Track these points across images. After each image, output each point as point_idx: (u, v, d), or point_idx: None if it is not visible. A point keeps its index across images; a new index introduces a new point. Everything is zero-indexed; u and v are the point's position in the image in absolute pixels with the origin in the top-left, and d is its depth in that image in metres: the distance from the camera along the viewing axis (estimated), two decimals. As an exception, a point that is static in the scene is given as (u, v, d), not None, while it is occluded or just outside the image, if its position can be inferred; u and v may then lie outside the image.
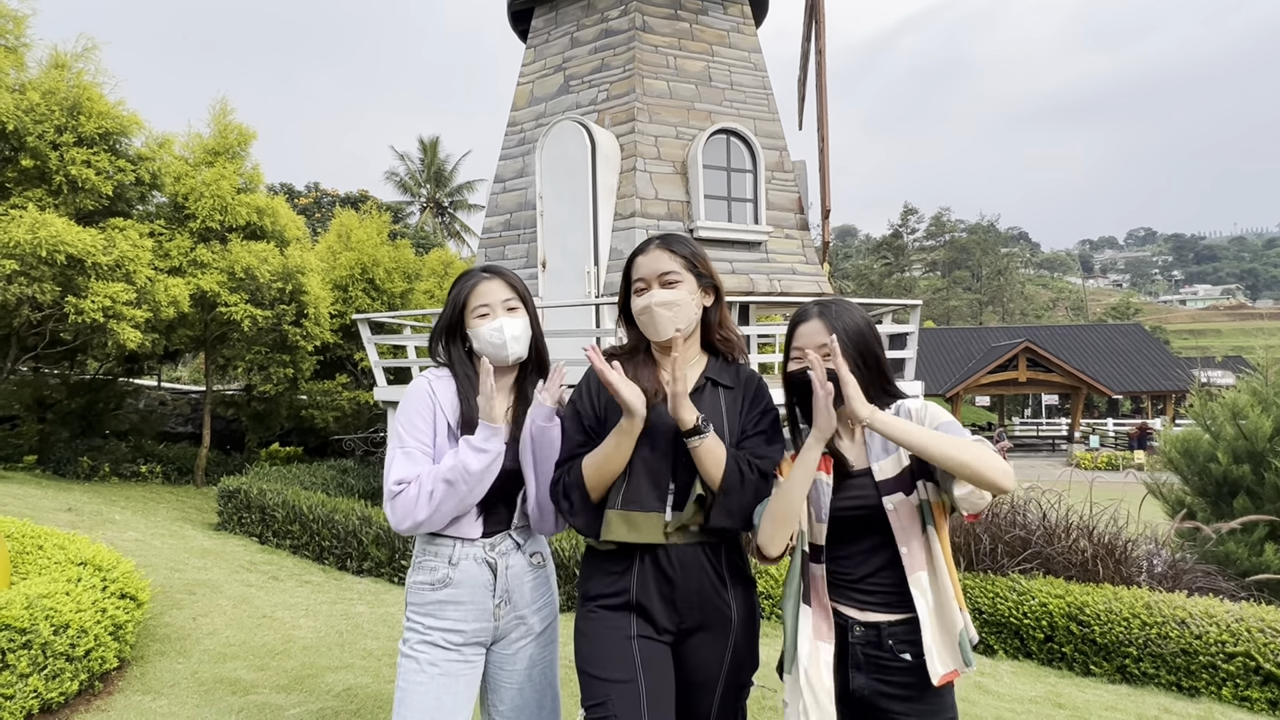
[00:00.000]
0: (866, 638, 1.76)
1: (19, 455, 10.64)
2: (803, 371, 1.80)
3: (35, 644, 3.14)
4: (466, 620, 1.90)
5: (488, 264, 2.04)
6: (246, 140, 10.62)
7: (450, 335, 1.99)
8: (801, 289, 8.64)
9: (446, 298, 2.02)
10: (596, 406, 1.91)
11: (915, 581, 1.74)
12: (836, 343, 1.77)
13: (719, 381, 1.91)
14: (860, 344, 1.81)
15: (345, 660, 4.18)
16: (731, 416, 1.88)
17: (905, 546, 1.75)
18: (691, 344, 1.94)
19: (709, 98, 8.78)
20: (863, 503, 1.79)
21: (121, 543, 6.18)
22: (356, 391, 12.18)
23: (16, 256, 7.77)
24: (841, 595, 1.81)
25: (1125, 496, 6.10)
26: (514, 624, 1.96)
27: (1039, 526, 5.42)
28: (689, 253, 1.91)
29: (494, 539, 1.95)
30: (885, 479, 1.78)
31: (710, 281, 1.93)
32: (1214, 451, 6.84)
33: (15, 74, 8.79)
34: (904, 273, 62.38)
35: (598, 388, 1.92)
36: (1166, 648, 4.35)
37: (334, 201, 36.65)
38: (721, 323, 1.97)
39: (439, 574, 1.89)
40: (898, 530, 1.76)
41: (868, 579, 1.78)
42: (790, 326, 1.89)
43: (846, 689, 1.78)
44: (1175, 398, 29.48)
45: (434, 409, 1.91)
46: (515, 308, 1.96)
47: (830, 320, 1.82)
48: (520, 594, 1.96)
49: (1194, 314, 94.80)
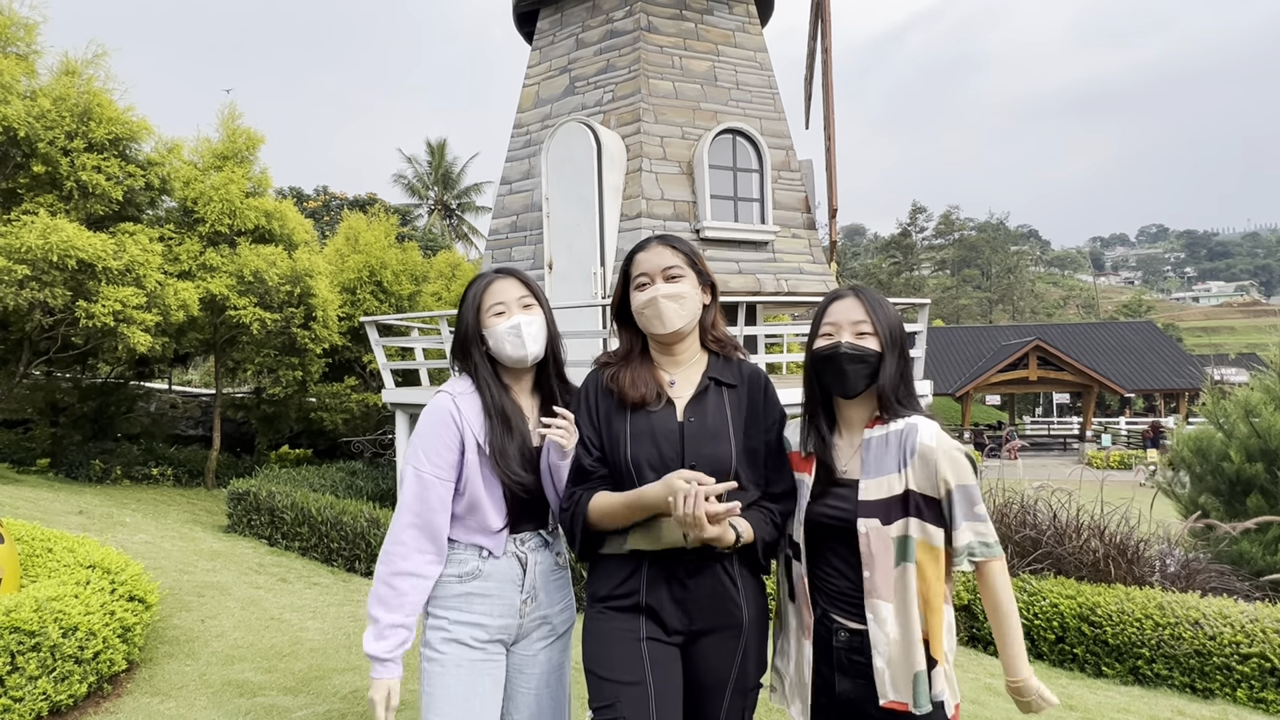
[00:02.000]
0: (850, 644, 1.73)
1: (32, 459, 10.73)
2: (833, 348, 1.76)
3: (44, 646, 3.16)
4: (493, 615, 1.88)
5: (500, 265, 2.03)
6: (255, 144, 10.68)
7: (471, 342, 1.95)
8: (809, 289, 8.60)
9: (461, 303, 1.98)
10: (598, 424, 1.88)
11: (872, 607, 1.70)
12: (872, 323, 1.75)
13: (722, 380, 1.89)
14: (892, 328, 1.77)
15: (352, 662, 4.19)
16: (736, 415, 1.86)
17: (869, 571, 1.71)
18: (692, 342, 1.92)
19: (715, 97, 8.76)
20: (840, 515, 1.75)
21: (132, 545, 6.22)
22: (365, 394, 12.22)
23: (28, 262, 7.84)
24: (828, 600, 1.78)
25: (1136, 496, 6.04)
26: (537, 623, 1.95)
27: (1049, 526, 5.38)
28: (689, 250, 1.91)
29: (524, 534, 1.94)
30: (867, 499, 1.72)
31: (708, 279, 1.93)
32: (1227, 450, 6.77)
33: (27, 81, 8.86)
34: (913, 271, 62.09)
35: (597, 403, 1.90)
36: (1180, 649, 4.31)
37: (342, 204, 36.85)
38: (714, 324, 1.95)
39: (468, 566, 1.88)
40: (864, 554, 1.71)
41: (850, 590, 1.74)
42: (823, 306, 1.84)
43: (834, 692, 1.77)
44: (1188, 396, 29.21)
45: (459, 431, 1.87)
46: (530, 305, 1.93)
47: (868, 301, 1.79)
48: (547, 592, 1.95)
49: (1207, 311, 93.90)
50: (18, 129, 8.26)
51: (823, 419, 1.84)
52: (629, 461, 1.81)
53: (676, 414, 1.84)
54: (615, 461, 1.83)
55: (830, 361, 1.76)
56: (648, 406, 1.84)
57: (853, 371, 1.74)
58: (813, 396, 1.85)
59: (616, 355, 1.95)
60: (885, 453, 1.73)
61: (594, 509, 1.81)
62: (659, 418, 1.82)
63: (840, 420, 1.85)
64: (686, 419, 1.83)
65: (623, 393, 1.85)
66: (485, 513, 1.87)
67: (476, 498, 1.86)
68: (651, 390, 1.85)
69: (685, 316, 1.84)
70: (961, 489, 1.69)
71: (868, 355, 1.74)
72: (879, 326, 1.75)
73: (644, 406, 1.84)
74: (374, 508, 7.10)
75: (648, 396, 1.84)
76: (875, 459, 1.74)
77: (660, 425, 1.82)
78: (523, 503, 1.91)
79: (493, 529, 1.89)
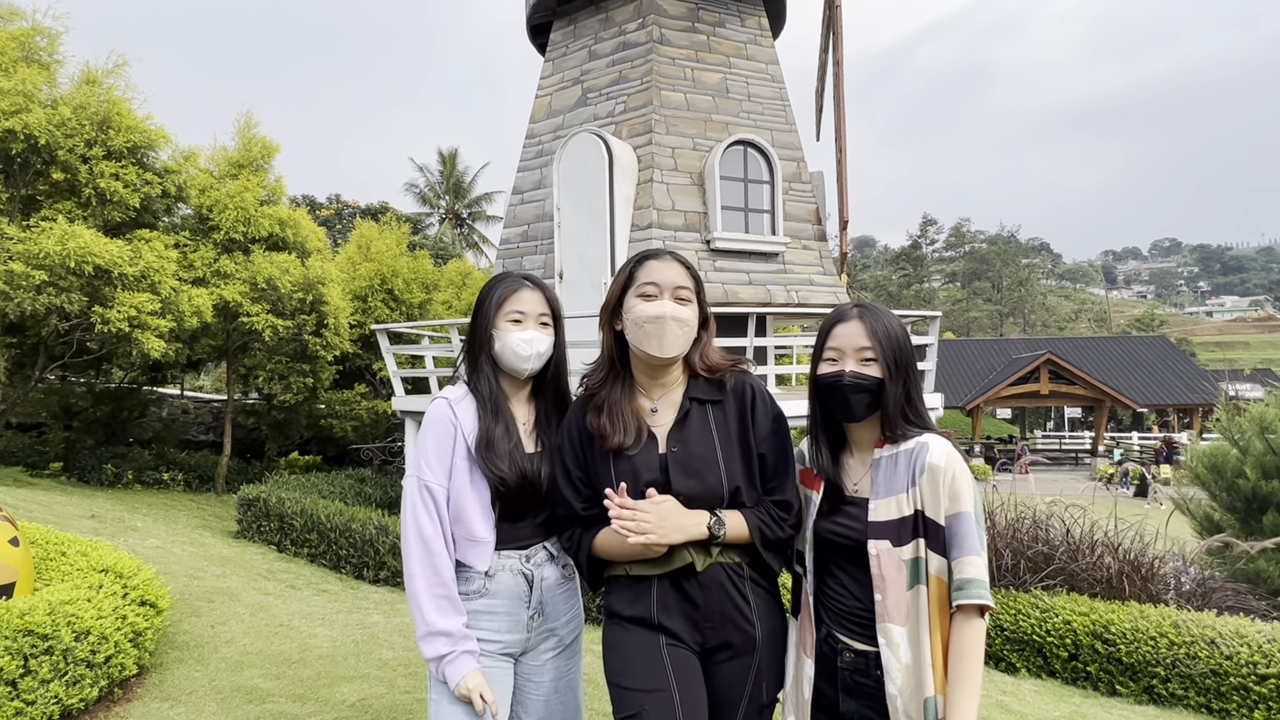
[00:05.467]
0: (855, 665, 1.70)
1: (45, 462, 10.82)
2: (836, 377, 1.72)
3: (57, 650, 3.17)
4: (500, 631, 1.90)
5: (528, 273, 2.04)
6: (270, 153, 10.79)
7: (482, 338, 1.96)
8: (819, 300, 8.59)
9: (479, 298, 1.98)
10: (584, 460, 1.87)
11: (884, 631, 1.64)
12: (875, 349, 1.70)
13: (704, 399, 1.84)
14: (896, 351, 1.72)
15: (360, 670, 4.19)
16: (723, 435, 1.81)
17: (880, 593, 1.65)
18: (677, 367, 1.87)
19: (726, 109, 8.80)
20: (850, 535, 1.72)
21: (143, 550, 6.25)
22: (375, 401, 12.27)
23: (46, 267, 7.93)
24: (834, 619, 1.75)
25: (1149, 512, 5.97)
26: (544, 636, 1.96)
27: (1062, 542, 5.32)
28: (697, 276, 1.87)
29: (529, 550, 1.95)
30: (877, 520, 1.68)
31: (706, 312, 1.88)
32: (1242, 467, 6.69)
33: (48, 89, 9.00)
34: (923, 284, 61.91)
35: (582, 450, 1.87)
36: (1195, 668, 4.24)
37: (354, 213, 37.10)
38: (704, 354, 1.87)
39: (474, 585, 1.89)
40: (875, 576, 1.66)
41: (859, 610, 1.71)
42: (826, 326, 1.79)
43: (837, 712, 1.74)
44: (1202, 411, 28.91)
45: (455, 433, 1.90)
46: (547, 324, 1.97)
47: (871, 324, 1.73)
48: (553, 606, 1.97)
49: (1221, 326, 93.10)
50: (38, 137, 8.38)
51: (828, 440, 1.82)
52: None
53: (659, 446, 1.81)
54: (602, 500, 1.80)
55: (834, 391, 1.73)
56: (628, 450, 1.80)
57: (856, 400, 1.72)
58: (817, 418, 1.82)
59: (599, 378, 1.89)
60: (895, 472, 1.70)
61: (596, 551, 1.85)
62: (641, 459, 1.80)
63: (850, 439, 1.82)
64: (669, 449, 1.80)
65: (603, 441, 1.81)
66: (470, 520, 1.87)
67: (461, 503, 1.87)
68: (630, 432, 1.80)
69: (684, 345, 1.81)
70: (962, 516, 1.62)
71: (870, 385, 1.71)
72: (882, 351, 1.71)
73: (624, 450, 1.81)
74: (382, 515, 7.11)
75: (626, 441, 1.80)
76: (885, 478, 1.70)
77: (643, 465, 1.79)
78: (512, 507, 1.91)
79: (478, 538, 1.87)
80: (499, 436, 1.89)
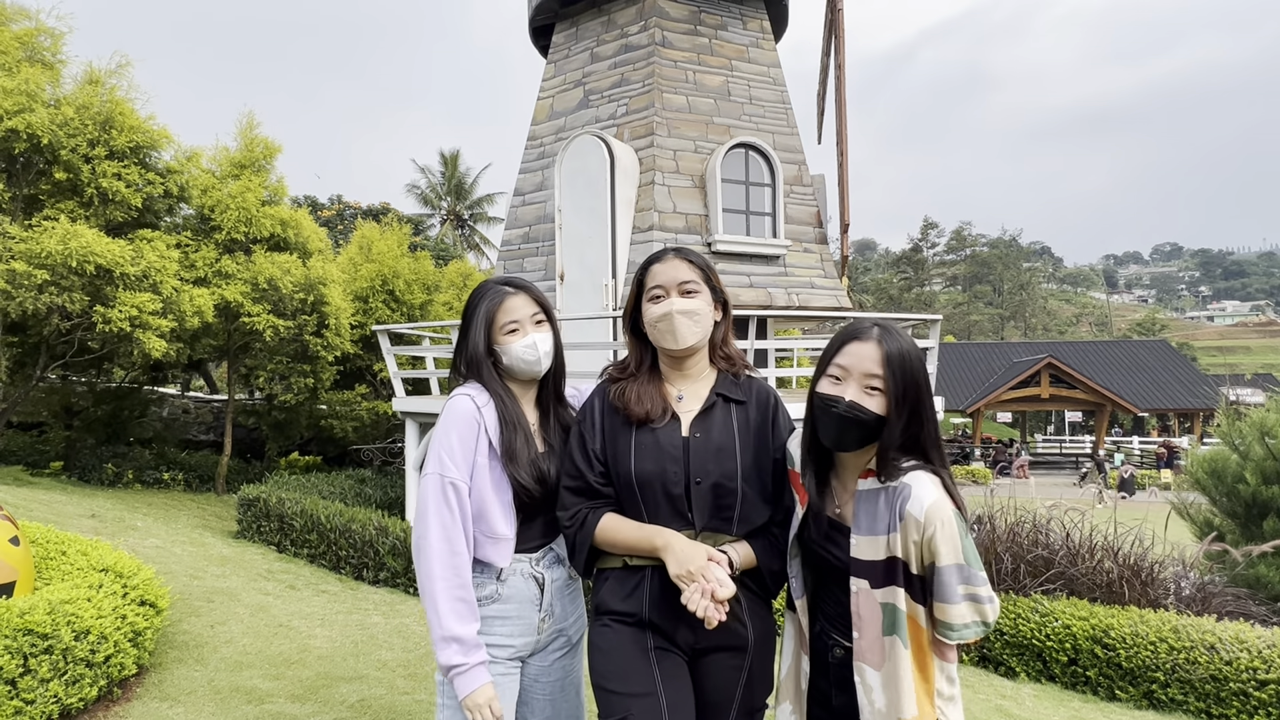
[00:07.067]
0: (844, 660, 1.70)
1: (46, 461, 10.82)
2: (833, 401, 1.61)
3: (56, 649, 3.17)
4: (513, 635, 1.90)
5: (507, 277, 2.04)
6: (272, 153, 10.80)
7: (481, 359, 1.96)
8: (820, 303, 8.60)
9: (466, 314, 1.98)
10: (603, 438, 1.87)
11: (859, 671, 1.61)
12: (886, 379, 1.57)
13: (730, 396, 1.87)
14: (908, 385, 1.58)
15: (360, 671, 4.19)
16: (744, 432, 1.84)
17: (858, 633, 1.61)
18: (702, 358, 1.91)
19: (728, 112, 8.81)
20: (835, 559, 1.69)
21: (143, 549, 6.25)
22: (375, 402, 12.28)
23: (48, 267, 7.94)
24: (827, 619, 1.76)
25: (1149, 516, 5.98)
26: (553, 635, 1.98)
27: (1062, 546, 5.32)
28: (704, 264, 1.90)
29: (539, 553, 1.96)
30: (859, 558, 1.62)
31: (721, 296, 1.92)
32: (1242, 472, 6.69)
33: (51, 89, 9.01)
34: (924, 287, 61.89)
35: (603, 422, 1.88)
36: (1195, 673, 4.24)
37: (356, 214, 37.16)
38: (725, 340, 1.93)
39: (486, 590, 1.89)
40: (854, 615, 1.61)
41: (848, 613, 1.69)
42: (839, 339, 1.67)
43: (830, 705, 1.75)
44: (1202, 416, 28.89)
45: (479, 430, 1.89)
46: (542, 321, 1.99)
47: (887, 351, 1.58)
48: (562, 605, 1.99)
49: (1222, 330, 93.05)
50: (41, 136, 8.40)
51: (815, 459, 1.74)
52: (632, 477, 1.80)
53: (682, 429, 1.83)
54: (618, 475, 1.83)
55: (826, 415, 1.63)
56: (652, 423, 1.82)
57: (846, 432, 1.61)
58: (808, 432, 1.73)
59: (625, 368, 1.94)
60: (875, 510, 1.62)
61: (602, 532, 1.81)
62: (664, 433, 1.81)
63: (837, 462, 1.74)
64: (692, 434, 1.82)
65: (628, 409, 1.84)
66: (492, 517, 1.88)
67: (483, 502, 1.87)
68: (657, 407, 1.83)
69: (699, 333, 1.84)
70: (955, 569, 1.53)
71: (868, 420, 1.59)
72: (893, 382, 1.57)
73: (649, 423, 1.83)
74: (382, 516, 7.11)
75: (652, 413, 1.82)
76: (866, 515, 1.62)
77: (665, 441, 1.81)
78: (528, 510, 1.92)
79: (500, 534, 1.88)
80: (520, 446, 1.90)
